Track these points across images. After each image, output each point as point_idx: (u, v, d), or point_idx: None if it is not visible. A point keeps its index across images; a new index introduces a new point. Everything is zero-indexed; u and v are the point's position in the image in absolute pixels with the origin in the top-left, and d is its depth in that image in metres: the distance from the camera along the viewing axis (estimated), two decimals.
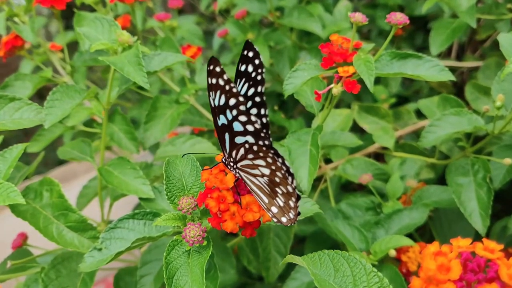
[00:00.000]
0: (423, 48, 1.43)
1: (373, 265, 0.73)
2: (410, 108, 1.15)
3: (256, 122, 0.50)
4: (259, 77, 0.54)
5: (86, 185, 0.96)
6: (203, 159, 1.02)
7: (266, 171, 0.51)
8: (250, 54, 0.53)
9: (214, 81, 0.49)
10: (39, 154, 0.88)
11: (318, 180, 0.99)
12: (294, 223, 0.52)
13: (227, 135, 0.52)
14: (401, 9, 1.38)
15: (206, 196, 0.52)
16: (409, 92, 1.42)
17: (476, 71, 1.16)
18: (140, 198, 0.69)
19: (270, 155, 0.50)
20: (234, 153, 0.53)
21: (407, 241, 0.72)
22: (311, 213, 0.59)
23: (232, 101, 0.49)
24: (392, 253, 0.75)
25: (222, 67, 0.49)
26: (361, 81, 0.67)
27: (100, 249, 0.57)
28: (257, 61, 0.54)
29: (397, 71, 0.68)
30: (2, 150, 0.68)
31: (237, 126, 0.51)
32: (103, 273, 1.54)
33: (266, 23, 1.53)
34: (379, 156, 1.21)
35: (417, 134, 1.16)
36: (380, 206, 0.88)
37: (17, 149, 0.65)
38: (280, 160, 0.50)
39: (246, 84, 0.54)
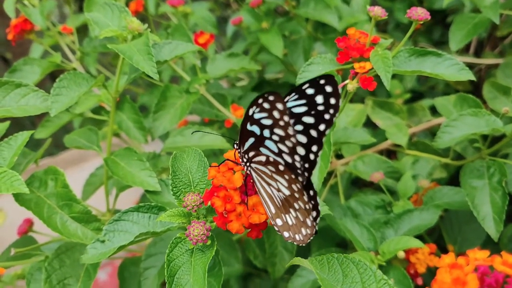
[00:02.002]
0: (441, 43, 1.40)
1: (381, 266, 0.72)
2: (424, 105, 1.12)
3: (296, 161, 0.47)
4: (327, 117, 0.48)
5: (93, 173, 0.95)
6: (213, 149, 1.00)
7: (285, 190, 0.49)
8: (328, 88, 0.47)
9: (267, 106, 0.44)
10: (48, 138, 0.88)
11: (328, 174, 0.98)
12: (304, 243, 0.50)
13: (251, 139, 0.49)
14: (420, 1, 1.34)
15: (213, 195, 0.50)
16: (425, 87, 1.39)
17: (495, 69, 1.13)
18: (146, 191, 0.68)
19: (286, 176, 0.47)
20: (251, 153, 0.50)
21: (417, 243, 0.71)
22: (320, 214, 0.57)
23: (279, 132, 0.45)
24: (401, 254, 0.73)
25: (285, 106, 0.44)
26: (376, 76, 0.64)
27: (103, 241, 0.56)
28: (332, 101, 0.47)
29: (415, 68, 0.66)
30: (15, 132, 0.67)
31: (271, 145, 0.47)
32: None
33: (282, 12, 1.50)
34: (391, 153, 1.19)
35: (431, 131, 1.14)
36: (391, 205, 0.87)
37: (22, 137, 0.64)
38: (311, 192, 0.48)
39: (304, 107, 0.48)
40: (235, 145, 0.52)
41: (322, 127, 0.48)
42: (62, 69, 0.92)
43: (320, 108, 0.48)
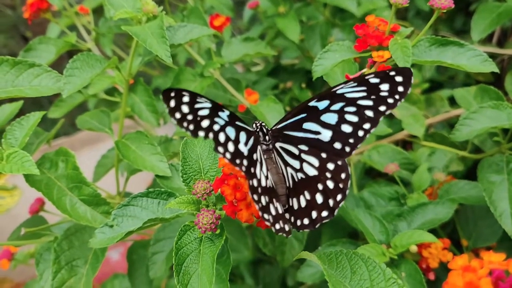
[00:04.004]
0: (463, 32, 1.36)
1: (393, 259, 0.70)
2: (443, 95, 1.10)
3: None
4: (390, 100, 0.50)
5: (105, 154, 0.94)
6: None
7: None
8: (398, 78, 0.50)
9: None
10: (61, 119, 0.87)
11: None
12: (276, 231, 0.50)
13: None
14: None
15: (223, 183, 0.50)
16: (444, 77, 1.36)
17: None
18: (156, 175, 0.67)
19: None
20: None
21: (430, 238, 0.69)
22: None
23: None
24: (413, 248, 0.72)
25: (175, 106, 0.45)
26: (395, 65, 0.63)
27: (111, 226, 0.55)
28: (401, 89, 0.50)
29: (435, 59, 0.64)
30: (33, 110, 0.67)
31: None
32: None
33: None
34: (407, 144, 1.17)
35: (449, 123, 1.11)
36: (404, 197, 0.85)
37: (34, 117, 0.64)
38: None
39: (362, 93, 0.51)
40: (254, 125, 0.54)
41: (382, 108, 0.51)
42: (78, 49, 0.92)
43: (383, 94, 0.50)
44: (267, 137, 0.53)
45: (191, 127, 0.45)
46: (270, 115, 0.85)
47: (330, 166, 0.52)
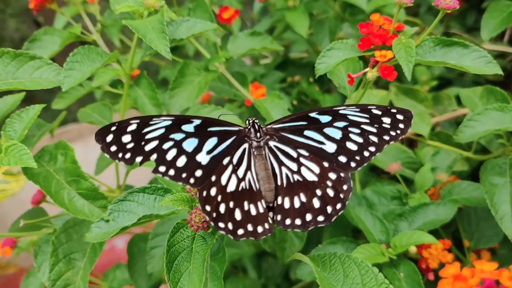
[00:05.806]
0: (474, 29, 1.34)
1: (391, 260, 0.70)
2: (451, 93, 1.08)
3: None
4: (392, 133, 0.53)
5: None
6: None
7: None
8: (399, 116, 0.53)
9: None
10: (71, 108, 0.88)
11: None
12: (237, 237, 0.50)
13: None
14: None
15: None
16: (453, 74, 1.34)
17: None
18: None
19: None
20: None
21: (429, 239, 0.69)
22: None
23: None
24: (413, 250, 0.72)
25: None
26: (399, 65, 0.62)
27: (107, 221, 0.55)
28: (401, 126, 0.53)
29: (439, 59, 0.63)
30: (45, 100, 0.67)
31: None
32: None
33: None
34: (413, 142, 1.16)
35: (456, 121, 1.10)
36: (407, 197, 0.84)
37: (34, 110, 0.64)
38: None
39: (366, 120, 0.53)
40: (247, 122, 0.55)
41: (386, 137, 0.53)
42: (84, 40, 0.92)
43: (386, 126, 0.53)
44: (258, 134, 0.54)
45: (128, 155, 0.49)
46: (274, 111, 0.84)
47: (332, 175, 0.52)
